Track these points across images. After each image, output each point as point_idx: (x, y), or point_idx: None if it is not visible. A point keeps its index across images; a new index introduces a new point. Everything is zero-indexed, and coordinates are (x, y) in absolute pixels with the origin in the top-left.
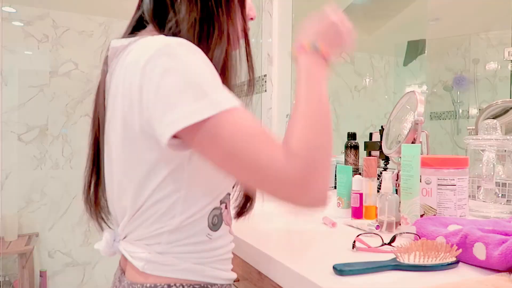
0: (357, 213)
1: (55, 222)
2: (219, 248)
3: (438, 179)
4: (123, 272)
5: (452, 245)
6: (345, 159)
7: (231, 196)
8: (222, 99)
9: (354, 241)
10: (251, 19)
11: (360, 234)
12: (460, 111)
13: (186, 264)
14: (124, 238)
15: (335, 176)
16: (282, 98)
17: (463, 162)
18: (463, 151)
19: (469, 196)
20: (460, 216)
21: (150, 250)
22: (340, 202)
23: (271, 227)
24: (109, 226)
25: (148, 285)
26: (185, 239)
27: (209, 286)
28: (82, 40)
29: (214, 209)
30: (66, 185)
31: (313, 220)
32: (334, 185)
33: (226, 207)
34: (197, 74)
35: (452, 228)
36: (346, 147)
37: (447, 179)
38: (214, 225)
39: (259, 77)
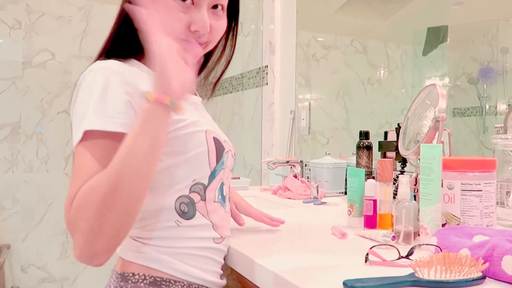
0: (371, 222)
1: (29, 232)
2: (190, 240)
3: (462, 183)
4: None
5: (477, 259)
6: (357, 161)
7: (217, 192)
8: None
9: (367, 254)
10: None
11: (373, 246)
12: (487, 106)
13: (153, 253)
14: None
15: (346, 180)
16: (286, 92)
17: (490, 165)
18: (490, 152)
19: (497, 203)
20: (487, 225)
21: None
22: (351, 210)
23: (274, 239)
24: None
25: (119, 272)
26: (154, 223)
27: (172, 281)
28: (60, 27)
29: (180, 196)
30: (41, 190)
31: (320, 231)
32: (344, 191)
33: (203, 199)
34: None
35: (477, 239)
36: (358, 147)
37: (472, 184)
38: (184, 213)
39: (260, 68)
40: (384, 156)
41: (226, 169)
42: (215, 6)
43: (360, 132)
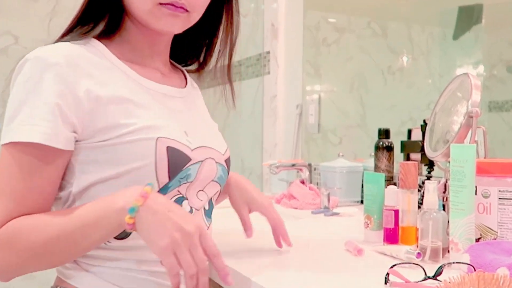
0: (391, 236)
1: None
2: (124, 261)
3: (500, 191)
4: None
5: None
6: (375, 164)
7: None
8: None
9: (387, 274)
10: None
11: (395, 265)
12: None
13: (88, 276)
14: None
15: (362, 187)
16: (291, 82)
17: None
18: None
19: None
20: None
21: None
22: (368, 222)
23: (277, 256)
24: None
25: None
26: None
27: None
28: (24, 6)
29: None
30: None
31: (332, 247)
32: (360, 199)
33: None
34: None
35: None
36: (377, 148)
37: (511, 191)
38: None
39: (260, 54)
40: (407, 158)
41: (197, 183)
42: None
43: (379, 130)
